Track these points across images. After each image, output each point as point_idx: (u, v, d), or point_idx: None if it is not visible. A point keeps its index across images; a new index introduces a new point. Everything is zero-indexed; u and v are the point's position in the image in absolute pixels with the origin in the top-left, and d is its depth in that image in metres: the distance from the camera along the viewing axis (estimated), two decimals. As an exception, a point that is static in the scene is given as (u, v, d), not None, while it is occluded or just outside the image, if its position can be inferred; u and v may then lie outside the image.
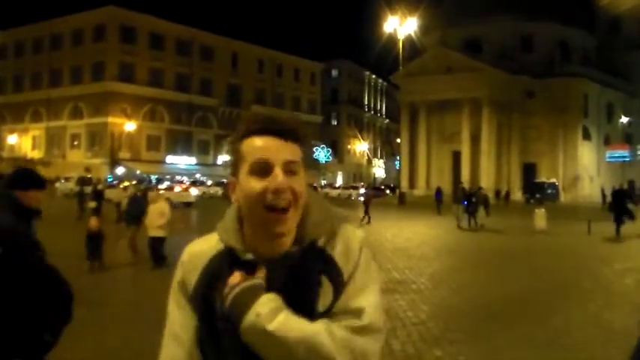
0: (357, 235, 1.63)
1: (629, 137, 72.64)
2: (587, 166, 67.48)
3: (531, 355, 7.39)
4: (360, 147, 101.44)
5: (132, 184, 23.69)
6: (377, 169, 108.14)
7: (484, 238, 23.30)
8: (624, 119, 72.06)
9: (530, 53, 68.29)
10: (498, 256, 17.57)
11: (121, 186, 32.79)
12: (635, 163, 67.93)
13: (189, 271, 1.64)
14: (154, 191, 16.13)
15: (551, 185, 60.46)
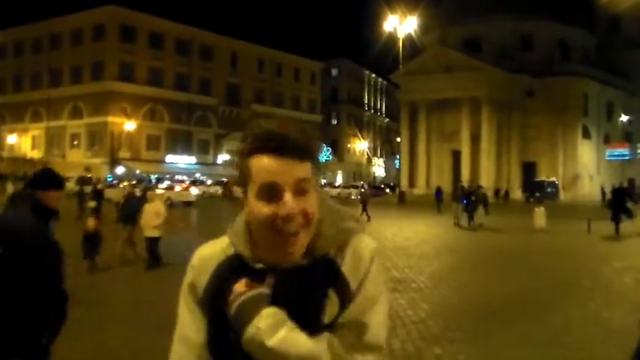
0: (369, 246, 1.60)
1: (629, 136, 72.66)
2: (587, 165, 67.51)
3: (530, 353, 7.39)
4: (360, 146, 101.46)
5: (128, 184, 23.67)
6: (377, 168, 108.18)
7: (484, 237, 23.31)
8: (624, 118, 72.05)
9: (530, 52, 68.30)
10: (498, 255, 17.58)
11: (121, 185, 32.84)
12: (635, 161, 67.93)
13: (199, 274, 1.61)
14: (151, 191, 16.14)
15: (550, 184, 60.49)
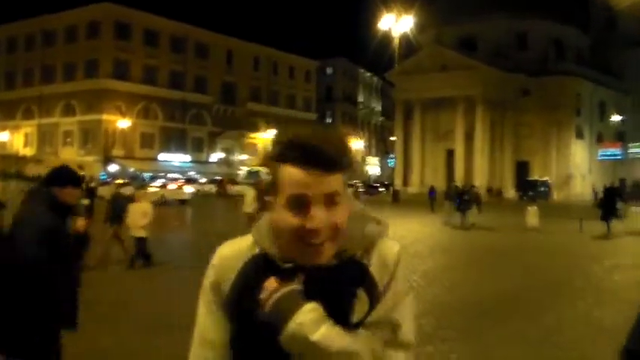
0: (394, 248, 1.63)
1: (621, 135, 72.88)
2: (579, 165, 67.74)
3: (523, 352, 7.44)
4: (354, 145, 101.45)
5: (115, 183, 23.50)
6: (371, 167, 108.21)
7: (477, 236, 23.39)
8: (617, 117, 72.28)
9: (525, 51, 68.43)
10: (490, 254, 17.65)
11: (118, 183, 32.82)
12: (626, 161, 68.16)
13: (223, 273, 1.59)
14: (138, 190, 15.98)
15: (543, 183, 60.70)
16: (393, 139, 74.72)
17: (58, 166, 4.15)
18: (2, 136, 74.80)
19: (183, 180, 54.36)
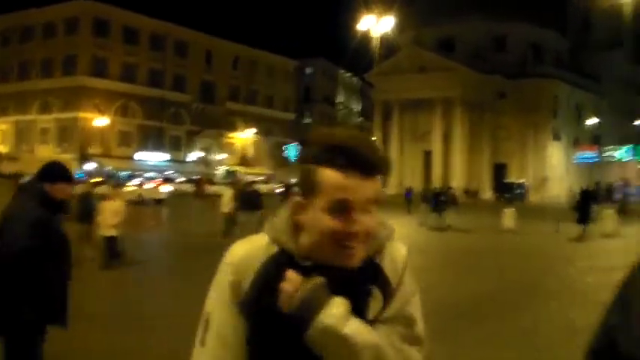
0: (401, 251, 1.69)
1: (598, 138, 73.64)
2: (556, 167, 68.32)
3: (498, 353, 7.49)
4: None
5: (89, 181, 23.16)
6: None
7: (453, 238, 23.50)
8: (593, 120, 73.00)
9: (503, 54, 68.91)
10: (467, 256, 17.73)
11: (91, 181, 32.50)
12: (602, 164, 68.91)
13: (242, 272, 1.58)
14: (110, 188, 15.79)
15: (519, 185, 61.21)
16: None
17: (49, 162, 4.17)
18: (-22, 133, 73.94)
19: (160, 179, 54.05)
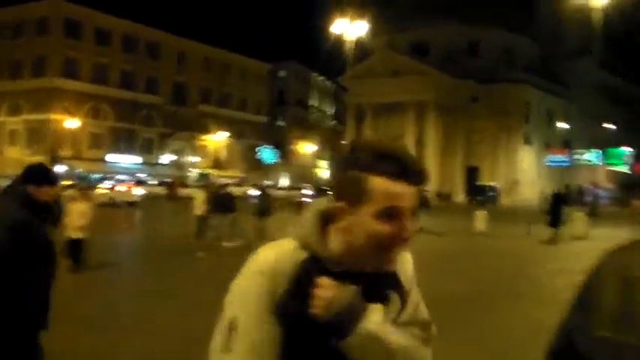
0: (408, 257, 1.80)
1: (568, 142, 74.66)
2: (527, 170, 69.07)
3: (466, 354, 7.53)
4: (306, 148, 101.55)
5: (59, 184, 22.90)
6: (323, 171, 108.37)
7: (424, 240, 23.54)
8: (563, 125, 74.00)
9: (476, 58, 69.56)
10: (439, 258, 17.78)
11: (61, 184, 32.14)
12: (573, 167, 69.83)
13: (274, 279, 1.55)
14: (76, 190, 15.61)
15: (491, 188, 61.73)
16: (345, 143, 74.86)
17: (34, 164, 4.12)
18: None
19: (132, 181, 53.69)
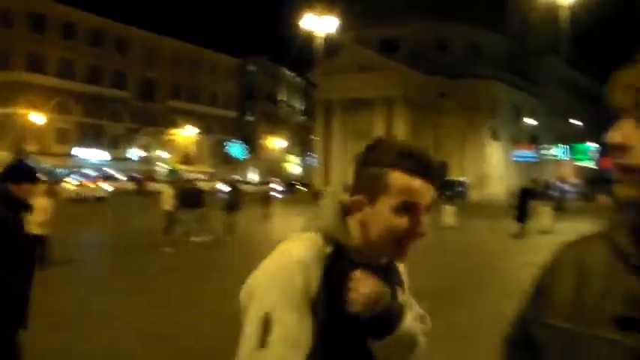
0: None
1: (535, 138, 75.57)
2: (495, 165, 69.70)
3: (435, 348, 7.58)
4: (275, 143, 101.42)
5: None
6: (292, 166, 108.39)
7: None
8: (531, 121, 74.85)
9: (445, 55, 69.88)
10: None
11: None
12: (540, 162, 70.71)
13: (307, 273, 1.55)
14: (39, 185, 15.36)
15: (460, 183, 62.16)
16: (314, 138, 75.04)
17: (14, 162, 4.11)
18: None
19: (100, 177, 53.22)
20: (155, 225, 18.78)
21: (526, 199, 23.67)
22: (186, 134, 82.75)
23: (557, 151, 72.44)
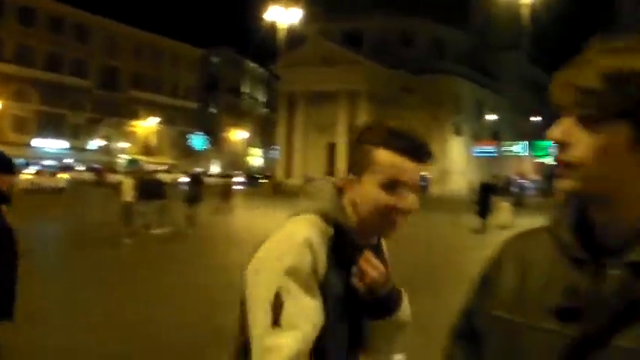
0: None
1: (497, 134, 76.49)
2: (457, 161, 70.37)
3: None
4: (238, 135, 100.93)
5: None
6: (255, 158, 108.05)
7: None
8: (492, 117, 75.72)
9: (409, 49, 70.30)
10: (368, 246, 17.98)
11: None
12: (500, 158, 71.58)
13: (315, 255, 1.60)
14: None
15: (422, 178, 62.55)
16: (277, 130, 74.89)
17: None
18: None
19: (59, 167, 52.46)
20: (115, 217, 18.53)
21: (487, 195, 23.90)
22: (148, 125, 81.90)
23: (518, 148, 73.38)
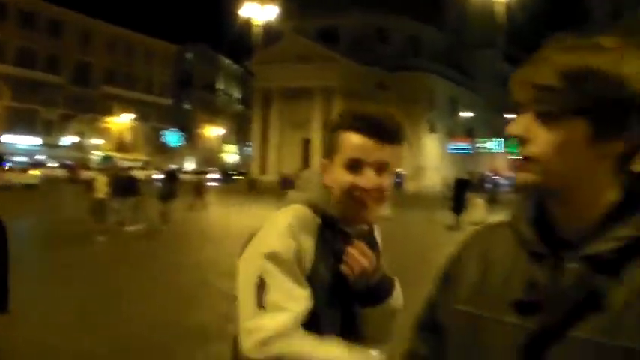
0: (379, 229, 1.99)
1: (471, 131, 77.07)
2: (432, 157, 70.77)
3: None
4: (213, 132, 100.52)
5: None
6: (230, 155, 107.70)
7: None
8: (467, 114, 76.27)
9: (385, 46, 70.54)
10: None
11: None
12: (475, 155, 72.19)
13: (297, 239, 1.66)
14: None
15: (397, 175, 62.83)
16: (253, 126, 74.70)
17: None
18: None
19: (31, 164, 51.91)
20: (88, 214, 18.37)
21: (461, 191, 24.04)
22: (122, 121, 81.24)
23: (492, 145, 74.02)
